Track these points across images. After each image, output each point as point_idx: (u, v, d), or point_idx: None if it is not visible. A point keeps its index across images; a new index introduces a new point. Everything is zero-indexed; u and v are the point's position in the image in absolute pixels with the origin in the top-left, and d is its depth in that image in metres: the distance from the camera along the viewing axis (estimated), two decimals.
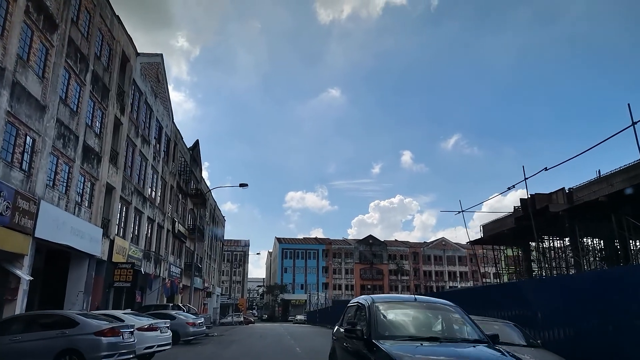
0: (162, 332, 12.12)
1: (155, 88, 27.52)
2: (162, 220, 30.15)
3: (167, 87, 30.30)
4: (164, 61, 29.15)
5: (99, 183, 19.22)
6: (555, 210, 19.58)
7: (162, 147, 29.89)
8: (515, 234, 20.67)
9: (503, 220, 20.74)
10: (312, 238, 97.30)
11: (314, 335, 26.86)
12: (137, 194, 24.37)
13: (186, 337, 18.99)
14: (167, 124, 30.70)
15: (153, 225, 28.14)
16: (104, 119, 19.79)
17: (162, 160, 29.85)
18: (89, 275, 18.44)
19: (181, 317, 19.30)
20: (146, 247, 26.74)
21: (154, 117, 27.38)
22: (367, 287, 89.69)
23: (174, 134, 32.92)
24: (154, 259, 28.19)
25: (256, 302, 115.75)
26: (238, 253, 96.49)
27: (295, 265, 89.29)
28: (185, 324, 18.97)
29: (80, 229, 17.01)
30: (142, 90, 24.91)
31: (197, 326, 19.52)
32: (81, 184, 17.86)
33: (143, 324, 11.50)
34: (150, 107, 26.55)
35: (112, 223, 20.90)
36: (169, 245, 32.41)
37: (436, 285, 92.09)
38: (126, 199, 22.74)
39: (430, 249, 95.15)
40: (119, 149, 21.57)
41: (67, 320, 9.26)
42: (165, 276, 30.94)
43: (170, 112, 31.55)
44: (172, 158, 32.88)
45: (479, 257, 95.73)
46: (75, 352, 8.75)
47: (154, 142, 27.64)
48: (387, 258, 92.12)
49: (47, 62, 14.68)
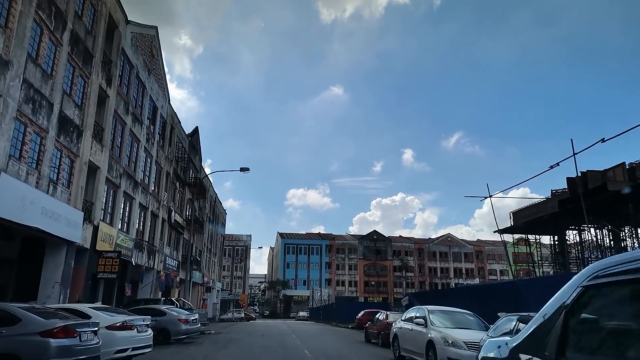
0: (140, 331, 9.84)
1: (148, 63, 25.21)
2: (157, 209, 27.91)
3: (162, 64, 27.99)
4: (159, 36, 26.82)
5: (79, 160, 16.94)
6: (614, 189, 16.98)
7: (157, 130, 27.61)
8: (555, 220, 18.14)
9: (540, 206, 18.39)
10: (315, 233, 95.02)
11: (321, 334, 24.58)
12: (127, 177, 22.11)
13: (178, 336, 16.75)
14: (162, 104, 28.40)
15: (146, 213, 25.89)
16: (86, 88, 17.49)
17: (157, 143, 27.57)
18: (66, 265, 16.19)
19: (172, 313, 17.07)
20: (138, 237, 24.50)
21: (147, 95, 25.07)
22: (371, 283, 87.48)
23: (171, 116, 30.63)
24: (147, 250, 25.96)
25: (258, 299, 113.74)
26: (239, 248, 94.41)
27: (297, 261, 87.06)
28: (177, 321, 16.74)
29: (55, 211, 14.72)
30: (133, 63, 22.60)
31: (191, 323, 17.27)
32: (57, 159, 15.58)
33: (115, 322, 9.21)
34: (142, 83, 24.25)
35: (97, 207, 18.63)
36: (164, 236, 30.17)
37: (441, 283, 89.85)
38: (114, 181, 20.48)
39: (435, 245, 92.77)
40: (104, 124, 19.28)
41: (6, 315, 6.98)
42: (160, 269, 28.73)
43: (166, 92, 29.25)
44: (169, 142, 30.60)
45: (485, 254, 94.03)
46: (12, 358, 6.47)
47: (147, 123, 25.35)
48: (391, 254, 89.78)
49: (10, 10, 12.37)
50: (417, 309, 11.29)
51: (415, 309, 11.51)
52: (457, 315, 10.42)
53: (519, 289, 14.48)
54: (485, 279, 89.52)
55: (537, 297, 11.93)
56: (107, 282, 23.35)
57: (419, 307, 11.25)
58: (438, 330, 9.48)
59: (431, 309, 10.68)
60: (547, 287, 12.70)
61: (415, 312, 11.29)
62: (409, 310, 12.02)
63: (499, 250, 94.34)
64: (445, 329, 9.54)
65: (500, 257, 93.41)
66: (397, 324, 12.08)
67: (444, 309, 10.87)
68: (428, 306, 10.98)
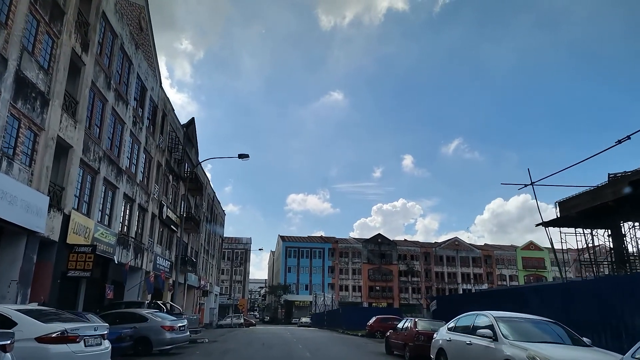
0: (89, 344, 6.94)
1: (136, 36, 22.43)
2: (146, 202, 25.03)
3: (152, 41, 25.21)
4: (149, 8, 24.08)
5: (44, 135, 14.10)
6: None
7: (146, 114, 24.79)
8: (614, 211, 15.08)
9: (596, 192, 15.39)
10: (318, 236, 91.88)
11: (331, 343, 21.57)
12: (108, 163, 19.26)
13: (161, 346, 13.86)
14: (152, 86, 25.60)
15: (133, 205, 23.02)
16: (55, 49, 14.68)
17: (147, 129, 24.74)
18: (27, 259, 13.33)
19: (155, 319, 14.17)
20: (122, 232, 21.63)
21: (133, 73, 22.27)
22: (376, 288, 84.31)
23: (163, 101, 27.81)
24: (134, 247, 23.06)
25: (258, 304, 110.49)
26: (239, 251, 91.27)
27: (299, 265, 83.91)
28: (160, 329, 13.86)
29: (9, 192, 11.89)
30: (117, 32, 19.82)
31: (178, 331, 14.35)
32: (13, 129, 12.74)
33: (50, 332, 6.32)
34: (128, 57, 21.45)
35: (68, 193, 15.76)
36: (154, 233, 27.28)
37: (449, 288, 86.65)
38: (91, 165, 17.62)
39: (442, 249, 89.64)
40: (79, 97, 16.45)
41: None
42: (149, 269, 25.83)
43: (157, 73, 26.46)
44: (160, 130, 27.77)
45: (493, 258, 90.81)
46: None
47: (134, 104, 22.54)
48: (396, 258, 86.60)
49: None
50: (475, 315, 8.38)
51: (471, 315, 8.59)
52: (536, 325, 7.58)
53: (570, 291, 11.61)
54: (493, 285, 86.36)
55: (596, 302, 9.10)
56: (90, 283, 20.65)
57: (478, 314, 8.40)
58: (517, 346, 6.61)
59: (498, 315, 7.90)
60: (612, 289, 9.83)
61: (471, 319, 8.41)
62: (460, 318, 9.06)
63: (508, 254, 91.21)
64: (527, 343, 6.67)
65: (509, 262, 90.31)
66: (442, 335, 9.16)
67: (516, 316, 8.08)
68: (492, 312, 8.06)
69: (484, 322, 7.75)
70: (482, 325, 7.75)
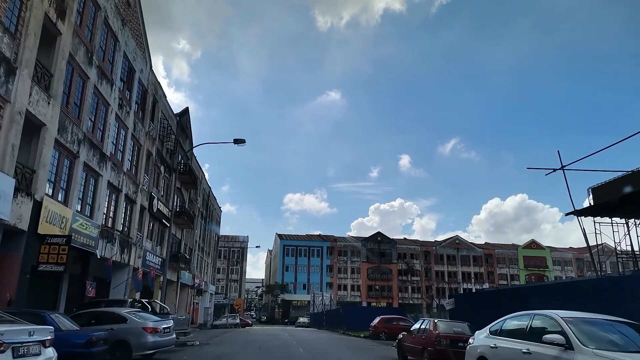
0: (20, 354, 5.14)
1: (123, 12, 20.60)
2: (134, 193, 23.21)
3: (142, 21, 23.36)
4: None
5: (10, 108, 12.28)
6: None
7: (135, 97, 22.96)
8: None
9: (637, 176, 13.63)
10: (316, 235, 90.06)
11: (334, 346, 19.76)
12: (89, 146, 17.44)
13: (142, 351, 12.06)
14: (141, 68, 23.76)
15: (119, 196, 21.20)
16: (23, 11, 12.86)
17: (135, 114, 22.91)
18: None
19: (136, 319, 12.36)
20: (106, 224, 19.81)
21: (119, 51, 20.44)
22: (375, 287, 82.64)
23: (153, 86, 25.97)
24: (120, 242, 21.25)
25: (255, 303, 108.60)
26: (236, 250, 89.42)
27: (297, 264, 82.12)
28: (141, 331, 12.05)
29: None
30: (100, 3, 18.00)
31: (162, 333, 12.56)
32: None
33: None
34: (114, 33, 19.62)
35: (40, 176, 13.93)
36: (143, 227, 25.45)
37: (449, 287, 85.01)
38: (69, 147, 15.80)
39: (442, 248, 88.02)
40: (53, 69, 14.63)
41: None
42: (138, 265, 24.01)
43: (146, 55, 24.62)
44: (151, 117, 25.94)
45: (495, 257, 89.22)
46: None
47: (120, 85, 20.71)
48: (396, 257, 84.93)
49: None
50: (532, 315, 6.57)
51: (524, 315, 6.81)
52: (619, 328, 5.74)
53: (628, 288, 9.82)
54: (494, 284, 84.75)
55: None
56: (73, 280, 18.89)
57: (536, 314, 6.52)
58: (603, 356, 4.87)
59: (567, 315, 6.02)
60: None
61: (524, 320, 6.63)
62: (506, 319, 7.18)
63: (509, 253, 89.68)
64: (615, 353, 4.92)
65: (511, 261, 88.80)
66: (483, 340, 7.44)
67: (591, 317, 6.15)
68: (557, 311, 6.23)
69: (547, 325, 5.98)
70: (544, 328, 5.99)
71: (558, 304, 9.79)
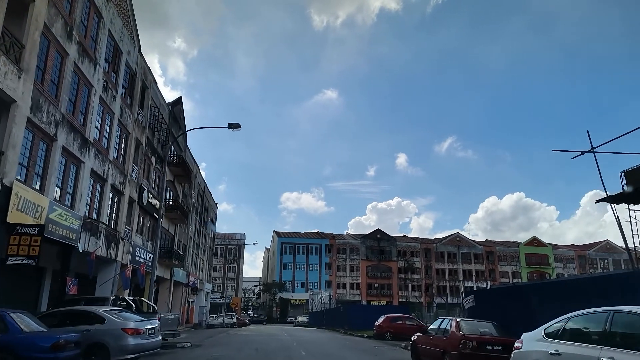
0: None
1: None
2: (122, 184, 21.65)
3: None
4: None
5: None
6: None
7: (122, 81, 21.36)
8: None
9: None
10: (314, 232, 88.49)
11: (338, 348, 18.23)
12: (69, 129, 15.87)
13: (122, 355, 10.51)
14: (129, 50, 22.17)
15: (104, 186, 19.64)
16: None
17: (122, 99, 21.34)
18: None
19: (115, 319, 10.82)
20: (90, 216, 18.25)
21: (104, 28, 18.86)
22: (374, 285, 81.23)
23: (142, 70, 24.38)
24: (106, 235, 19.70)
25: (252, 302, 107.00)
26: (232, 247, 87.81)
27: (295, 262, 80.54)
28: (121, 332, 10.52)
29: None
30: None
31: (145, 335, 11.03)
32: None
33: None
34: (97, 8, 18.04)
35: (9, 159, 12.37)
36: (133, 221, 23.90)
37: (450, 285, 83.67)
38: (44, 129, 14.23)
39: (443, 246, 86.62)
40: (25, 40, 13.06)
41: None
42: (127, 261, 22.48)
43: (134, 37, 23.01)
44: (140, 103, 24.35)
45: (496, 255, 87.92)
46: None
47: (105, 66, 19.15)
48: (396, 254, 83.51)
49: None
50: (610, 313, 4.78)
51: (599, 314, 4.90)
52: None
53: None
54: (496, 282, 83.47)
55: None
56: (56, 276, 17.47)
57: (616, 310, 4.68)
58: None
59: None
60: None
61: (600, 320, 4.91)
62: (570, 318, 5.61)
63: (511, 251, 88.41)
64: None
65: (512, 259, 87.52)
66: (536, 345, 5.62)
67: None
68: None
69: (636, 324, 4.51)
70: (633, 330, 4.52)
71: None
